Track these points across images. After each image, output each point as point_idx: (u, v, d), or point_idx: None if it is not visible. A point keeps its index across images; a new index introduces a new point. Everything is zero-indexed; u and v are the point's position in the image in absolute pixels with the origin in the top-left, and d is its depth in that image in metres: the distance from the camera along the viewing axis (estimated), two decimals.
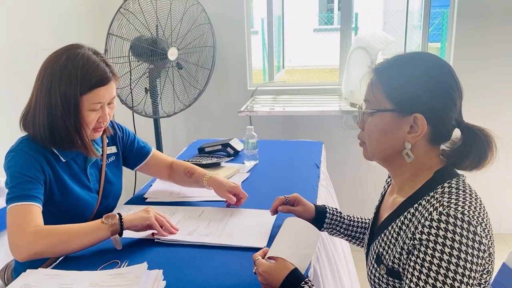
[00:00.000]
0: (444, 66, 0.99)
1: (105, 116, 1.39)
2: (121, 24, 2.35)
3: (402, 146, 0.98)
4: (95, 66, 1.34)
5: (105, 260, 1.22)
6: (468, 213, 0.87)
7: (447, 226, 0.86)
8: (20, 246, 1.21)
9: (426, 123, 0.95)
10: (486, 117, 2.87)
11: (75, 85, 1.31)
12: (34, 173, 1.31)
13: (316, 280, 1.28)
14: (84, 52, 1.36)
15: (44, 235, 1.22)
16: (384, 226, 1.05)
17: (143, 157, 1.67)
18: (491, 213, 0.98)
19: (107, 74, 1.36)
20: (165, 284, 1.09)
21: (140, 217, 1.31)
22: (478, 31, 2.77)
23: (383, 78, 1.00)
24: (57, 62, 1.33)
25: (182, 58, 2.62)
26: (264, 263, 1.04)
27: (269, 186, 1.74)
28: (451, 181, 0.96)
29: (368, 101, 1.03)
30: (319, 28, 10.32)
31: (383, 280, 1.00)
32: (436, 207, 0.90)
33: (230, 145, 2.11)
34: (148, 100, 2.58)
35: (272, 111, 2.95)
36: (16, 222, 1.22)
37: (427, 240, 0.87)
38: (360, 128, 1.07)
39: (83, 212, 1.45)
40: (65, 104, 1.31)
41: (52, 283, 1.10)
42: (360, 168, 3.02)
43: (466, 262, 0.84)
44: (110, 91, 1.38)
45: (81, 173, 1.46)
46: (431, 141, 0.99)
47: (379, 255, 1.03)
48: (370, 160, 1.08)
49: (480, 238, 0.86)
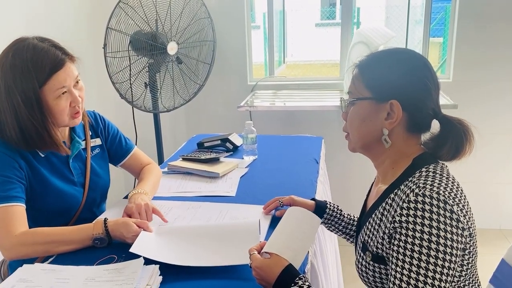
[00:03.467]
0: (421, 59, 1.05)
1: (76, 99, 1.34)
2: (120, 18, 2.34)
3: (380, 133, 1.03)
4: (44, 53, 1.28)
5: (101, 255, 1.21)
6: (443, 193, 0.90)
7: (423, 206, 0.89)
8: (6, 248, 1.24)
9: (401, 110, 1.00)
10: (487, 113, 2.87)
11: (30, 79, 1.26)
12: (12, 172, 1.29)
13: (313, 274, 1.28)
14: (29, 42, 1.30)
15: (29, 241, 1.24)
16: (368, 215, 1.08)
17: (122, 155, 1.64)
18: (491, 209, 0.98)
19: (59, 56, 1.30)
20: (162, 279, 1.09)
21: (123, 231, 1.26)
22: (480, 26, 2.75)
23: (364, 70, 1.06)
24: (6, 61, 1.28)
25: (182, 53, 2.61)
26: (258, 258, 1.04)
27: (268, 181, 1.74)
28: (428, 166, 1.00)
29: (351, 92, 1.09)
30: (321, 22, 10.28)
31: (370, 268, 1.03)
32: (412, 189, 0.93)
33: (229, 140, 2.11)
34: (147, 94, 2.57)
35: (272, 106, 2.94)
36: (1, 225, 1.24)
37: (406, 222, 0.90)
38: (344, 119, 1.12)
39: (68, 206, 1.44)
40: (26, 102, 1.27)
41: (49, 278, 1.10)
42: (358, 165, 3.00)
43: (446, 239, 0.87)
44: (70, 73, 1.32)
45: (63, 167, 1.43)
46: (408, 128, 1.03)
47: (364, 243, 1.06)
48: (353, 151, 1.14)
49: (458, 216, 0.89)
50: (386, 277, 1.00)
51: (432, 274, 0.85)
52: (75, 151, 1.47)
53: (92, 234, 1.25)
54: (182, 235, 1.28)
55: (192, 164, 1.86)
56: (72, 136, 1.48)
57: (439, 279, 0.85)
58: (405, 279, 0.87)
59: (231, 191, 1.64)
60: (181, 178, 1.79)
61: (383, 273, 1.00)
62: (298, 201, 1.39)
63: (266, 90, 3.11)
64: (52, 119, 1.34)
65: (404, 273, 0.87)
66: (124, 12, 2.34)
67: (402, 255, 0.89)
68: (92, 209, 1.54)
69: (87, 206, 1.50)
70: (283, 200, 1.41)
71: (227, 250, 1.19)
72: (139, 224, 1.28)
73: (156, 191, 1.64)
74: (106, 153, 1.60)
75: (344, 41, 3.01)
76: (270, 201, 1.44)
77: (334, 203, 1.40)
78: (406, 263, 0.88)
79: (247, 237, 1.20)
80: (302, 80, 3.22)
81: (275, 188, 1.58)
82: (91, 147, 1.53)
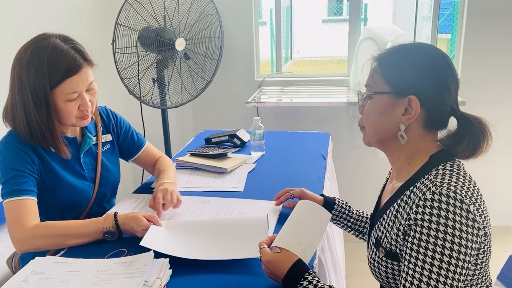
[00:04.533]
0: (443, 57, 1.02)
1: (85, 103, 1.34)
2: (128, 14, 2.35)
3: (397, 128, 1.02)
4: (63, 55, 1.28)
5: (112, 248, 1.23)
6: (460, 192, 0.89)
7: (440, 204, 0.88)
8: (19, 241, 1.26)
9: (419, 106, 0.98)
10: (495, 109, 2.86)
11: (43, 79, 1.26)
12: (24, 166, 1.31)
13: (321, 270, 1.29)
14: (51, 42, 1.29)
15: (41, 234, 1.26)
16: (383, 211, 1.07)
17: (135, 150, 1.66)
18: (499, 205, 0.99)
19: (76, 61, 1.29)
20: (171, 272, 1.10)
21: (133, 225, 1.28)
22: (489, 22, 2.73)
23: (383, 64, 1.04)
24: (24, 57, 1.28)
25: (189, 49, 2.62)
26: (268, 252, 1.05)
27: (275, 177, 1.75)
28: (445, 164, 0.99)
29: (369, 85, 1.07)
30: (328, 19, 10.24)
31: (382, 264, 1.02)
32: (429, 187, 0.92)
33: (237, 136, 2.11)
34: (155, 90, 2.59)
35: (279, 102, 2.94)
36: (14, 218, 1.26)
37: (421, 220, 0.89)
38: (360, 113, 1.11)
39: (79, 200, 1.46)
40: (36, 100, 1.28)
41: (60, 270, 1.12)
42: (365, 161, 3.01)
43: (461, 239, 0.86)
44: (84, 78, 1.32)
45: (74, 162, 1.45)
46: (425, 125, 1.02)
47: (378, 239, 1.05)
48: (368, 145, 1.12)
49: (474, 216, 0.88)
50: (398, 273, 1.00)
51: (445, 272, 0.85)
52: (86, 146, 1.48)
53: (103, 228, 1.27)
54: (191, 229, 1.29)
55: (200, 159, 1.88)
56: (84, 131, 1.49)
57: (451, 278, 0.85)
58: (417, 276, 0.86)
59: (239, 186, 1.66)
60: (189, 173, 1.80)
61: (395, 269, 1.00)
62: (308, 194, 1.40)
63: (273, 86, 3.11)
64: (59, 120, 1.36)
65: (417, 270, 0.87)
66: (132, 8, 2.35)
67: (416, 252, 0.88)
68: (102, 204, 1.56)
69: (97, 201, 1.51)
70: (294, 192, 1.42)
71: (236, 244, 1.20)
72: (149, 218, 1.29)
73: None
74: (117, 149, 1.62)
75: (352, 37, 3.01)
76: (281, 192, 1.45)
77: (342, 200, 1.41)
78: (419, 260, 0.87)
79: (256, 231, 1.21)
80: (309, 77, 3.22)
81: (282, 184, 1.59)
82: (102, 143, 1.54)
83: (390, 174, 1.20)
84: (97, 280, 1.07)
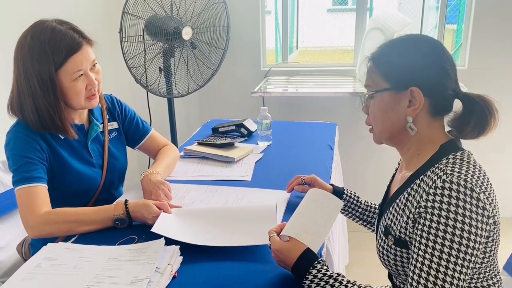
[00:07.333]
0: (435, 43, 1.04)
1: (92, 81, 1.37)
2: (136, 2, 2.34)
3: (405, 121, 1.03)
4: (62, 35, 1.30)
5: (122, 235, 1.24)
6: (470, 181, 0.91)
7: (450, 192, 0.89)
8: (31, 226, 1.28)
9: (422, 95, 0.99)
10: (503, 101, 2.84)
11: (47, 61, 1.29)
12: (34, 153, 1.33)
13: (328, 259, 1.30)
14: (48, 25, 1.32)
15: (53, 220, 1.28)
16: (392, 200, 1.09)
17: (140, 137, 1.67)
18: (507, 196, 0.99)
19: (76, 39, 1.32)
20: (182, 259, 1.11)
21: (143, 212, 1.29)
22: (497, 13, 2.71)
23: (378, 62, 1.06)
24: (25, 43, 1.31)
25: (196, 38, 2.61)
26: (277, 241, 1.06)
27: (282, 167, 1.75)
28: (456, 153, 1.00)
29: (368, 86, 1.08)
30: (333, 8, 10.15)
31: (391, 251, 1.03)
32: (440, 176, 0.94)
33: (244, 126, 2.12)
34: (162, 79, 2.59)
35: (285, 92, 2.94)
36: (26, 204, 1.28)
37: (432, 208, 0.90)
38: (366, 113, 1.12)
39: (87, 187, 1.48)
40: (42, 84, 1.30)
41: (73, 256, 1.13)
42: (371, 151, 3.01)
43: (470, 227, 0.87)
44: (87, 56, 1.34)
45: (82, 149, 1.47)
46: (432, 113, 1.03)
47: (387, 227, 1.06)
48: (379, 143, 1.13)
49: (484, 205, 0.89)
50: (407, 261, 1.01)
51: (455, 259, 0.86)
52: (94, 133, 1.49)
53: (113, 215, 1.29)
54: (201, 216, 1.30)
55: (207, 148, 1.89)
56: (91, 119, 1.51)
57: (461, 265, 0.86)
58: (427, 263, 0.87)
59: (247, 175, 1.66)
60: (197, 162, 1.81)
61: (404, 257, 1.01)
62: (319, 181, 1.42)
63: (279, 76, 3.11)
64: (68, 103, 1.37)
65: (426, 257, 0.88)
66: None
67: (426, 239, 0.89)
68: (110, 191, 1.58)
69: (105, 188, 1.53)
70: (305, 178, 1.44)
71: (246, 231, 1.21)
72: (159, 205, 1.30)
73: (171, 171, 1.67)
74: (123, 136, 1.63)
75: (359, 27, 2.99)
76: (292, 179, 1.47)
77: (351, 190, 1.42)
78: (429, 248, 0.88)
79: (265, 219, 1.22)
80: (315, 66, 3.21)
81: (290, 174, 1.60)
82: (109, 130, 1.56)
83: (400, 164, 1.20)
84: (109, 266, 1.08)
